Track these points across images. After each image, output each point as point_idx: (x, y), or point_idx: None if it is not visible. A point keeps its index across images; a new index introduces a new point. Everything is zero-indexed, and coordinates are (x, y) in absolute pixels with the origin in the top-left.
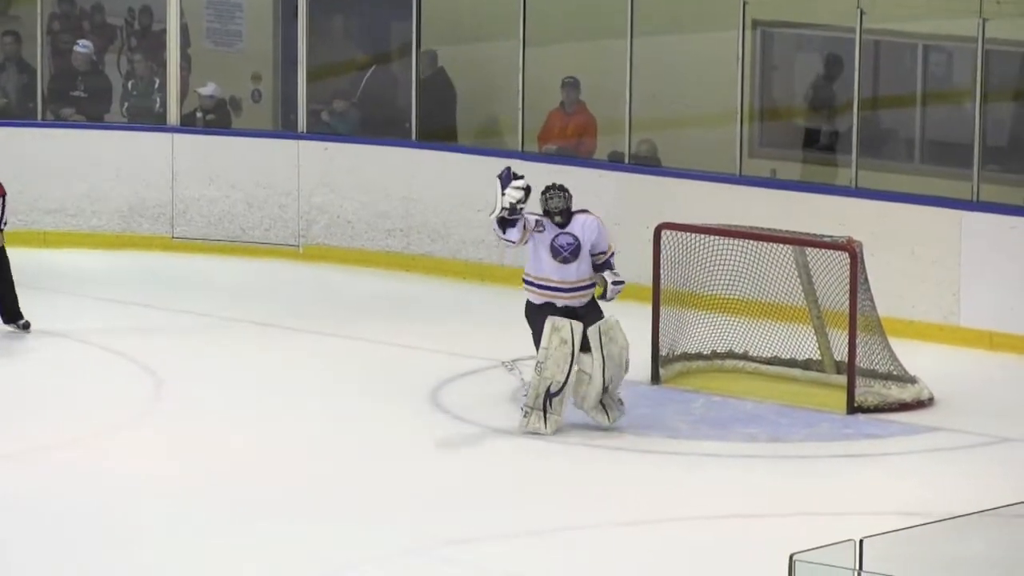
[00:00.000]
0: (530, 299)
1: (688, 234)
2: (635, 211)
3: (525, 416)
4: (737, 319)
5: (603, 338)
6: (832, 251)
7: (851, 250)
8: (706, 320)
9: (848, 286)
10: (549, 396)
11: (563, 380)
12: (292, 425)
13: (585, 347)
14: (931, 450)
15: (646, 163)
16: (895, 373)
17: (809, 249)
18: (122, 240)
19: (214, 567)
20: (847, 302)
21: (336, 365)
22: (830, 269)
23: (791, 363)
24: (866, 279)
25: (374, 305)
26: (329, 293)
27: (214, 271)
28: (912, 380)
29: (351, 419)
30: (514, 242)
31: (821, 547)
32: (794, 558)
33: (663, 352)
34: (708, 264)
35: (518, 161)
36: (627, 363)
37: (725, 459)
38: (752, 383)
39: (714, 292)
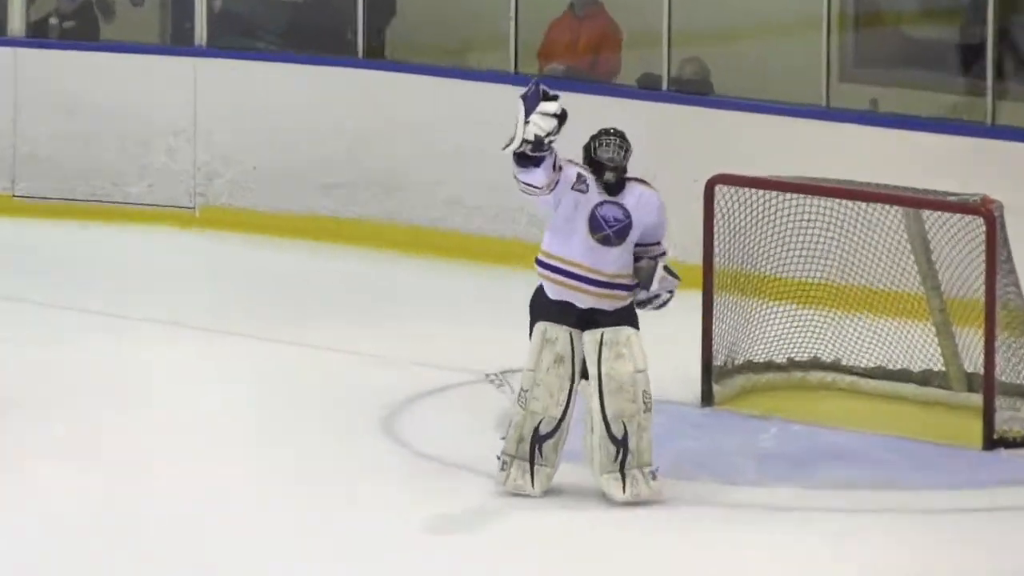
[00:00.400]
0: (543, 288)
1: (752, 190)
2: (677, 158)
3: (503, 468)
4: (823, 312)
5: (604, 351)
6: (960, 215)
7: (987, 214)
8: (779, 314)
9: (983, 265)
10: (539, 440)
11: (559, 416)
12: (183, 460)
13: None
14: None
15: (693, 90)
16: None
17: (927, 213)
18: None
19: None
20: (982, 287)
21: (246, 377)
22: (957, 241)
23: (903, 376)
24: (1009, 255)
25: (302, 293)
26: (233, 273)
27: (71, 243)
28: None
29: (266, 458)
30: (539, 188)
31: None
32: None
33: (718, 361)
34: (782, 233)
35: (509, 87)
36: (648, 399)
37: (809, 514)
38: (847, 404)
39: (790, 274)
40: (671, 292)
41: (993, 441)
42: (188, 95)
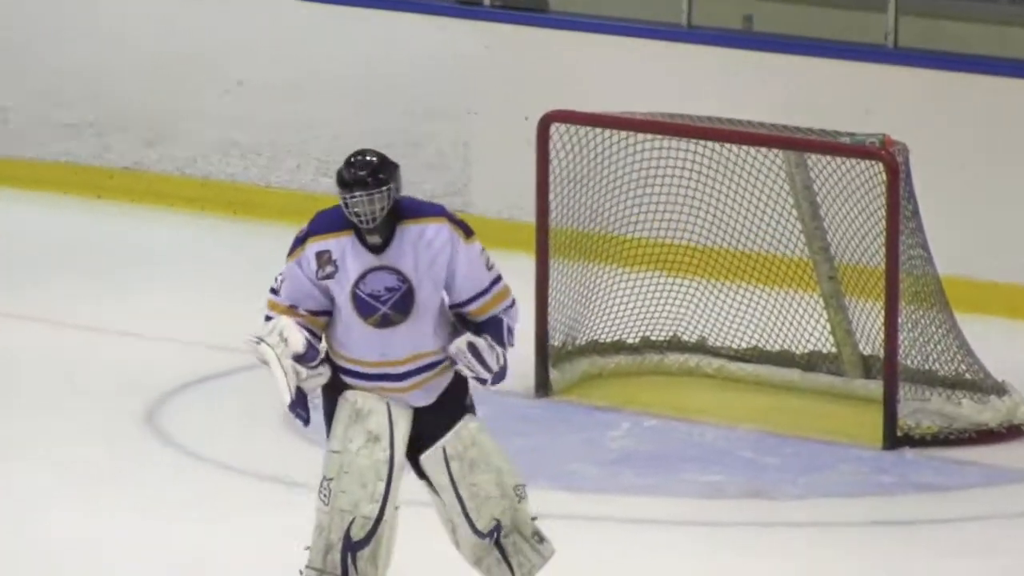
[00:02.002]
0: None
1: (596, 130)
2: (505, 90)
3: None
4: (685, 281)
5: (453, 466)
6: (855, 160)
7: (888, 159)
8: (630, 283)
9: (883, 223)
10: (351, 548)
11: (374, 517)
12: None
13: (422, 472)
14: None
15: (522, 5)
16: (968, 376)
17: (813, 158)
18: None
19: None
20: (882, 251)
21: None
22: (851, 193)
23: (783, 359)
24: (916, 209)
25: (46, 255)
26: None
27: None
28: (999, 389)
29: (19, 452)
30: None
31: None
32: None
33: (555, 341)
34: (634, 183)
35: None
36: (520, 488)
37: (669, 528)
38: (715, 394)
39: (644, 233)
40: (495, 365)
41: (896, 439)
42: None
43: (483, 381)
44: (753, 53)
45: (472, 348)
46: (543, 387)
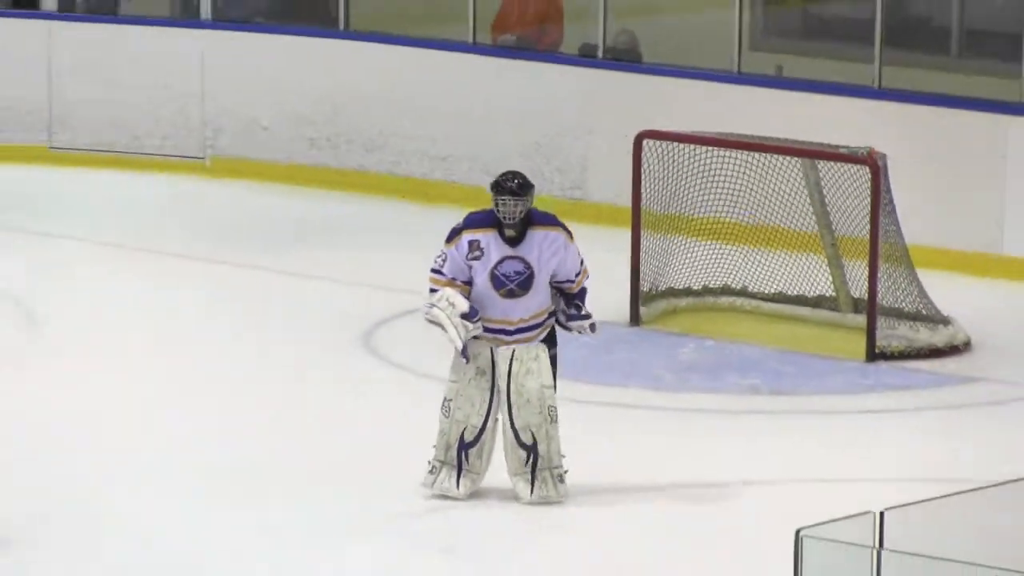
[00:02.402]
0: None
1: (675, 144)
2: (611, 117)
3: (432, 472)
4: (734, 247)
5: (514, 365)
6: (850, 164)
7: (873, 164)
8: (696, 248)
9: (869, 207)
10: (464, 447)
11: (480, 425)
12: (193, 375)
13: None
14: (966, 405)
15: (624, 58)
16: (924, 312)
17: (821, 163)
18: None
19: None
20: (867, 227)
21: (249, 303)
22: (847, 186)
23: (799, 300)
24: (891, 199)
25: (296, 229)
26: (241, 215)
27: (100, 188)
28: (945, 321)
29: (265, 369)
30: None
31: (833, 520)
32: (801, 534)
33: (644, 287)
34: (699, 180)
35: (468, 56)
36: (553, 412)
37: (719, 415)
38: (752, 324)
39: (706, 214)
40: (585, 327)
41: (875, 354)
42: (196, 61)
43: (583, 331)
44: (783, 92)
45: (592, 327)
46: (635, 319)
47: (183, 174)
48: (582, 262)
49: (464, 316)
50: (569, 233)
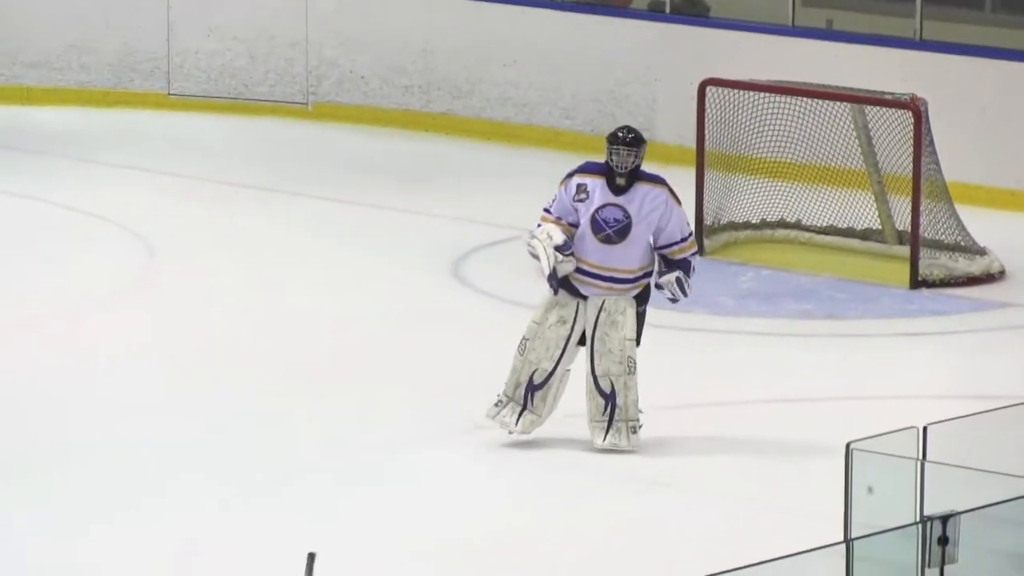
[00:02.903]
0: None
1: (735, 91)
2: (677, 66)
3: (497, 405)
4: (789, 184)
5: (602, 315)
6: (894, 109)
7: (915, 108)
8: (755, 186)
9: (911, 148)
10: (532, 388)
11: (550, 369)
12: (297, 299)
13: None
14: (1002, 328)
15: (690, 12)
16: (963, 244)
17: (869, 107)
18: (112, 97)
19: (204, 447)
20: (910, 166)
21: (347, 234)
22: (892, 129)
23: (849, 233)
24: (931, 140)
25: (389, 168)
26: (340, 155)
27: (214, 131)
28: (981, 251)
29: (362, 293)
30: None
31: (881, 434)
32: (851, 447)
33: (708, 221)
34: (757, 124)
35: (548, 11)
36: (632, 364)
37: (775, 338)
38: (806, 255)
39: (764, 155)
40: (678, 290)
41: (918, 282)
42: (301, 15)
43: (674, 301)
44: (833, 44)
45: (678, 281)
46: (700, 249)
47: (287, 119)
48: (691, 234)
49: (558, 248)
50: (676, 197)
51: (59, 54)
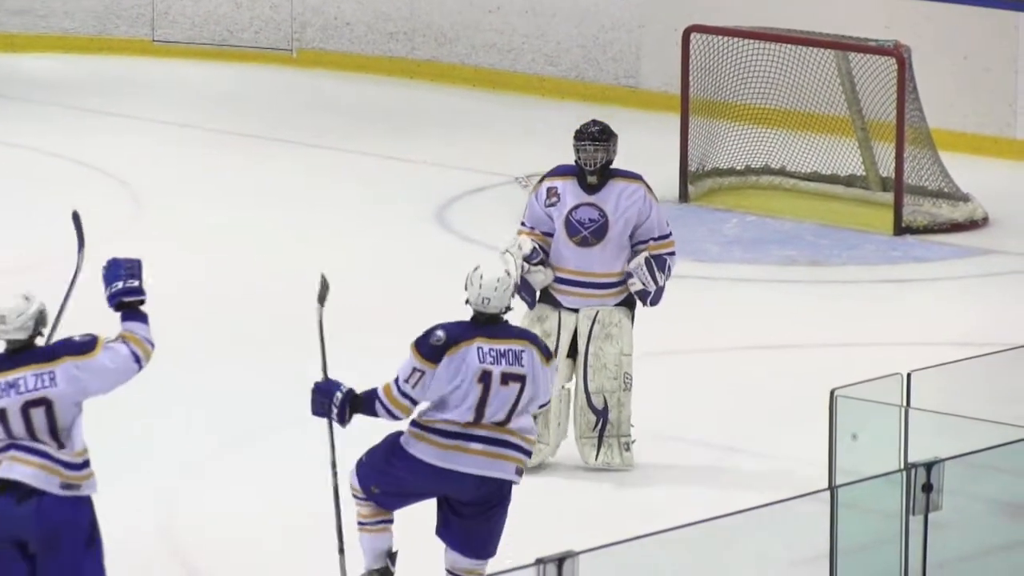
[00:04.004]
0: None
1: (720, 38)
2: (661, 13)
3: None
4: (774, 131)
5: (596, 328)
6: (878, 56)
7: (898, 55)
8: (739, 132)
9: (895, 95)
10: None
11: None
12: (280, 245)
13: (574, 350)
14: (985, 274)
15: None
16: (946, 190)
17: (853, 54)
18: (97, 44)
19: (194, 396)
20: (894, 112)
21: (332, 180)
22: (875, 76)
23: (833, 179)
24: (915, 87)
25: (374, 115)
26: (325, 102)
27: (199, 78)
28: (964, 198)
29: (346, 239)
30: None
31: (865, 381)
32: (835, 393)
33: (692, 167)
34: (742, 71)
35: None
36: (628, 380)
37: (760, 284)
38: (790, 201)
39: (748, 101)
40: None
41: (901, 228)
42: None
43: (645, 296)
44: None
45: (648, 263)
46: (684, 196)
47: (272, 65)
48: (670, 234)
49: (526, 258)
50: (654, 193)
51: (43, 1)
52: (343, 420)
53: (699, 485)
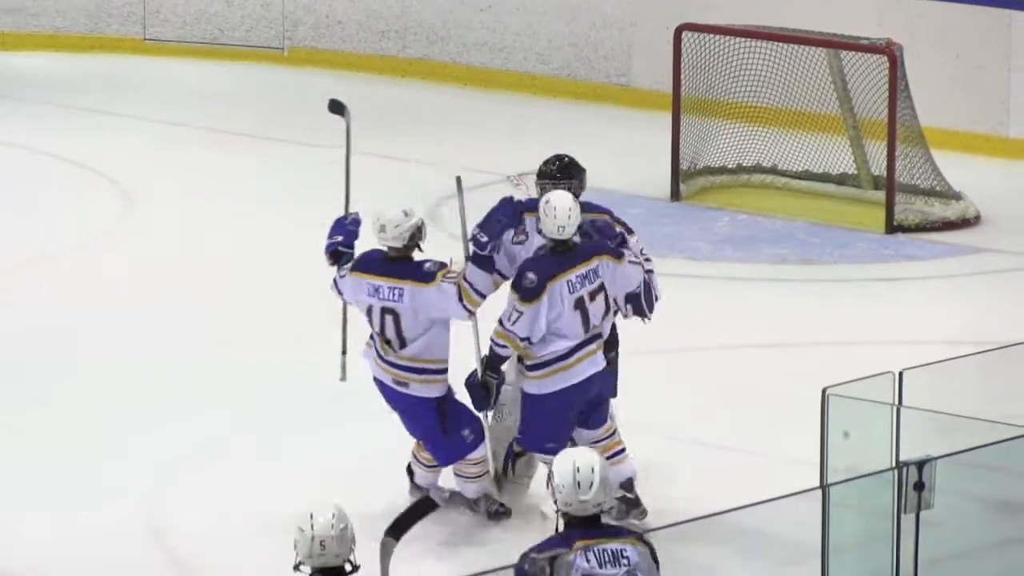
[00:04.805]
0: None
1: (712, 36)
2: (653, 11)
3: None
4: (765, 129)
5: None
6: (870, 54)
7: (890, 53)
8: (731, 131)
9: (887, 93)
10: (510, 455)
11: None
12: (272, 242)
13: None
14: (977, 273)
15: None
16: (938, 188)
17: (844, 53)
18: (89, 42)
19: (186, 389)
20: (885, 111)
21: (325, 179)
22: (867, 74)
23: (824, 177)
24: (906, 85)
25: (366, 114)
26: (317, 101)
27: (190, 76)
28: (957, 196)
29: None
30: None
31: (857, 379)
32: (827, 392)
33: (684, 166)
34: (733, 69)
35: None
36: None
37: (751, 283)
38: (781, 199)
39: (740, 100)
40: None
41: (893, 227)
42: None
43: (643, 313)
44: None
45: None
46: (675, 195)
47: (263, 63)
48: (648, 259)
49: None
50: (625, 226)
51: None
52: (489, 399)
53: (690, 483)
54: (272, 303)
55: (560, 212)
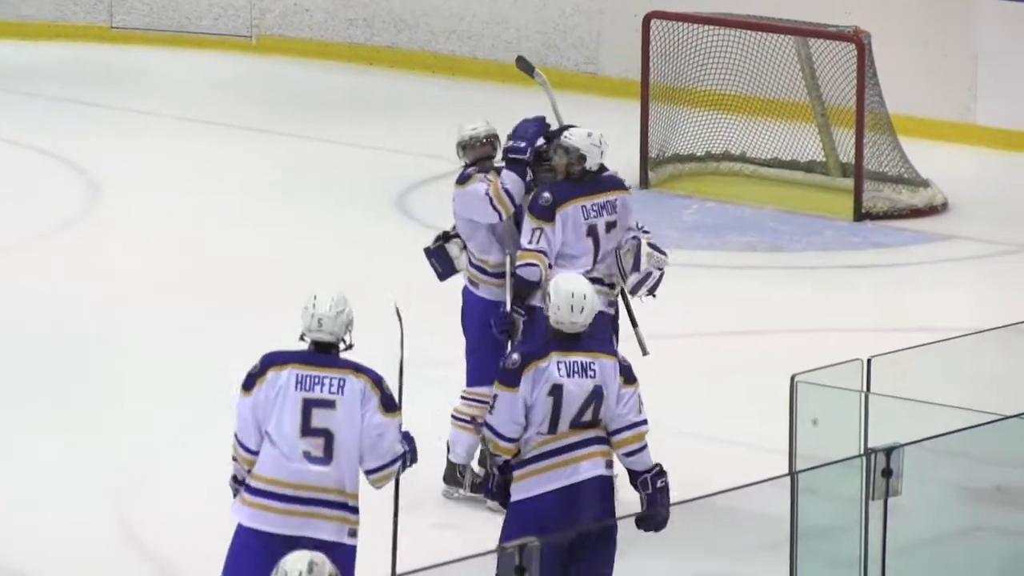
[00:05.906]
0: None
1: (680, 24)
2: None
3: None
4: (734, 117)
5: None
6: (838, 42)
7: (858, 41)
8: (700, 118)
9: (855, 81)
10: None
11: None
12: (240, 232)
13: None
14: (945, 260)
15: None
16: (906, 176)
17: (812, 40)
18: (54, 30)
19: (161, 380)
20: (854, 98)
21: (292, 168)
22: (835, 62)
23: (793, 165)
24: (874, 73)
25: (334, 102)
26: (285, 89)
27: (157, 65)
28: (924, 183)
29: (307, 226)
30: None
31: (825, 367)
32: (796, 379)
33: (652, 153)
34: (702, 57)
35: None
36: None
37: (720, 270)
38: (750, 187)
39: (708, 87)
40: (661, 269)
41: (861, 214)
42: None
43: (639, 284)
44: None
45: (641, 244)
46: (644, 182)
47: (231, 52)
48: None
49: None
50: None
51: None
52: (515, 333)
53: None
54: (243, 292)
55: (589, 137)
